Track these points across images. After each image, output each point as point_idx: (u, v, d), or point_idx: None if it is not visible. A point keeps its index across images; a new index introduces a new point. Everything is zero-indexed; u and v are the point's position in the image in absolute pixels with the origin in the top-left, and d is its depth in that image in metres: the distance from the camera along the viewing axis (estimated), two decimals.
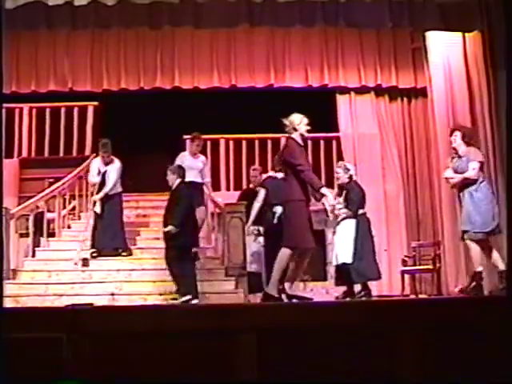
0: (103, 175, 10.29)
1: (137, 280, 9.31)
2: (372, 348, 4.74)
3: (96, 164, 10.47)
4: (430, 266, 10.60)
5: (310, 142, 12.22)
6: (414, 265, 10.91)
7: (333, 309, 5.19)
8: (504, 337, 4.69)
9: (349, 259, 8.87)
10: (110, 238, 10.01)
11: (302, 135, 7.64)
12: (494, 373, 4.66)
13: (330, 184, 11.90)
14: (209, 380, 4.65)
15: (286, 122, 7.69)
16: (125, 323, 4.89)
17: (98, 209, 10.12)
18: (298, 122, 7.64)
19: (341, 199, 9.14)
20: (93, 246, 10.03)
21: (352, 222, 9.04)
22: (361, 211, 9.14)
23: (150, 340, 4.73)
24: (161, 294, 8.77)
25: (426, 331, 4.80)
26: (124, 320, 4.95)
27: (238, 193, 11.71)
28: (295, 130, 7.61)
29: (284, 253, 7.35)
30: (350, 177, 9.36)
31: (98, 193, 10.27)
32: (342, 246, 9.00)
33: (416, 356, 4.73)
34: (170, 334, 4.74)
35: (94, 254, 9.87)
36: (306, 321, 4.88)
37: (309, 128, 7.65)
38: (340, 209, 9.03)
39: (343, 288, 9.20)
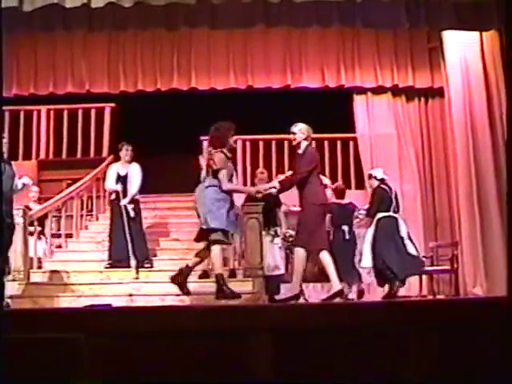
0: (124, 179, 10.02)
1: (155, 281, 9.32)
2: (387, 349, 4.73)
3: (114, 169, 10.15)
4: (448, 267, 10.55)
5: (326, 143, 12.24)
6: (432, 265, 10.85)
7: (348, 310, 5.19)
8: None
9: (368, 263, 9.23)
10: (133, 250, 9.66)
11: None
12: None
13: (348, 185, 11.95)
14: (224, 380, 4.65)
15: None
16: (142, 324, 4.90)
17: (131, 213, 9.76)
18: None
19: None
20: (110, 256, 9.84)
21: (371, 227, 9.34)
22: (380, 215, 9.27)
23: (167, 340, 4.74)
24: (178, 295, 8.76)
25: (439, 332, 4.78)
26: (142, 321, 4.97)
27: None
28: None
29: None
30: (381, 180, 9.61)
31: (117, 199, 9.94)
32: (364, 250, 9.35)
33: (427, 356, 4.72)
34: (187, 335, 4.75)
35: (107, 266, 9.76)
36: (321, 321, 4.87)
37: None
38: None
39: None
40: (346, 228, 9.94)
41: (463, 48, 10.94)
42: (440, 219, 12.02)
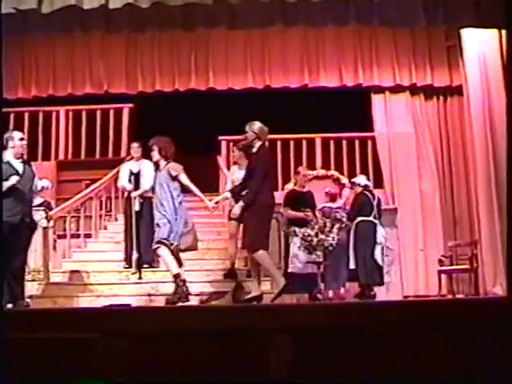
0: (137, 176, 9.95)
1: (169, 281, 9.33)
2: (405, 349, 4.72)
3: (126, 168, 10.12)
4: (468, 266, 10.51)
5: (344, 142, 12.22)
6: (451, 264, 10.83)
7: (366, 310, 5.18)
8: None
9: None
10: (137, 245, 9.54)
11: None
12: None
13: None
14: (243, 380, 4.65)
15: None
16: (161, 324, 4.92)
17: (137, 206, 9.62)
18: None
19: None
20: (126, 256, 9.82)
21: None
22: (359, 219, 9.80)
23: (186, 340, 4.75)
24: (197, 295, 8.77)
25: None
26: (160, 320, 4.98)
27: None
28: None
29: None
30: (364, 186, 10.18)
31: (129, 198, 9.86)
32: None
33: (442, 356, 4.71)
34: (206, 335, 4.76)
35: (126, 266, 9.75)
36: (339, 321, 4.87)
37: None
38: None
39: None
40: None
41: (482, 46, 10.88)
42: (459, 218, 11.97)
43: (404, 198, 11.82)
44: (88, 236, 10.86)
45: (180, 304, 7.67)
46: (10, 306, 7.40)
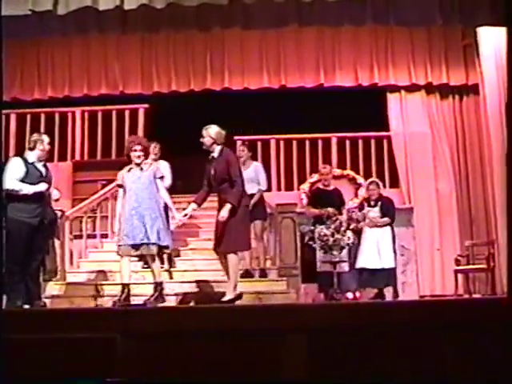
0: None
1: (189, 281, 9.35)
2: (421, 348, 4.71)
3: None
4: (484, 266, 10.47)
5: (360, 142, 12.20)
6: (468, 264, 10.78)
7: (382, 309, 5.17)
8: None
9: (392, 264, 9.56)
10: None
11: None
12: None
13: (383, 183, 11.88)
14: (258, 380, 4.65)
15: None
16: (177, 324, 4.93)
17: None
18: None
19: (376, 209, 9.78)
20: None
21: (388, 230, 9.70)
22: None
23: (201, 340, 4.76)
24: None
25: (470, 332, 4.76)
26: (176, 320, 4.99)
27: (288, 193, 11.74)
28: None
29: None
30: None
31: None
32: (384, 252, 9.57)
33: (460, 356, 4.70)
34: (222, 334, 4.76)
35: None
36: (355, 321, 4.86)
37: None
38: (374, 218, 9.71)
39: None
40: None
41: (498, 44, 10.82)
42: (476, 217, 11.91)
43: (420, 198, 11.78)
44: (104, 236, 10.88)
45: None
46: (26, 306, 7.45)
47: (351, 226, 9.62)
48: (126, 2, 8.67)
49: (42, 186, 7.61)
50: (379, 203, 9.82)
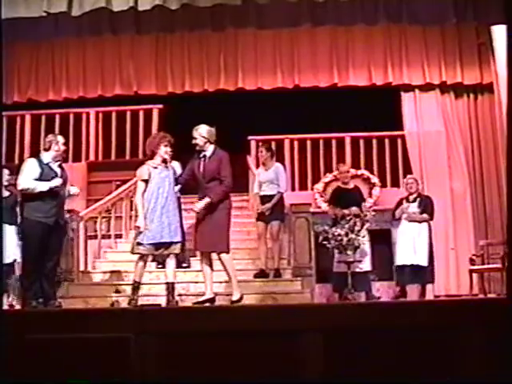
0: None
1: (204, 281, 9.34)
2: (437, 347, 4.69)
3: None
4: (499, 265, 10.41)
5: (374, 141, 12.19)
6: (483, 264, 10.74)
7: (398, 309, 5.16)
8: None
9: (425, 261, 9.49)
10: None
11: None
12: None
13: (395, 183, 11.87)
14: (274, 380, 4.66)
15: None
16: (191, 324, 4.93)
17: None
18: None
19: (414, 204, 9.74)
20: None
21: (425, 226, 9.66)
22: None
23: (216, 340, 4.76)
24: (227, 295, 8.78)
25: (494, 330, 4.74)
26: (190, 320, 5.00)
27: (302, 193, 11.74)
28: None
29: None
30: None
31: None
32: (420, 248, 9.54)
33: (480, 355, 4.69)
34: (237, 334, 4.77)
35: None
36: (371, 321, 4.85)
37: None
38: (414, 213, 9.66)
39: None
40: None
41: None
42: (490, 217, 11.86)
43: (434, 197, 11.64)
44: (119, 236, 10.92)
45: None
46: (41, 306, 7.48)
47: (365, 226, 9.60)
48: (140, 3, 8.68)
49: (56, 181, 7.63)
50: (418, 199, 9.81)
